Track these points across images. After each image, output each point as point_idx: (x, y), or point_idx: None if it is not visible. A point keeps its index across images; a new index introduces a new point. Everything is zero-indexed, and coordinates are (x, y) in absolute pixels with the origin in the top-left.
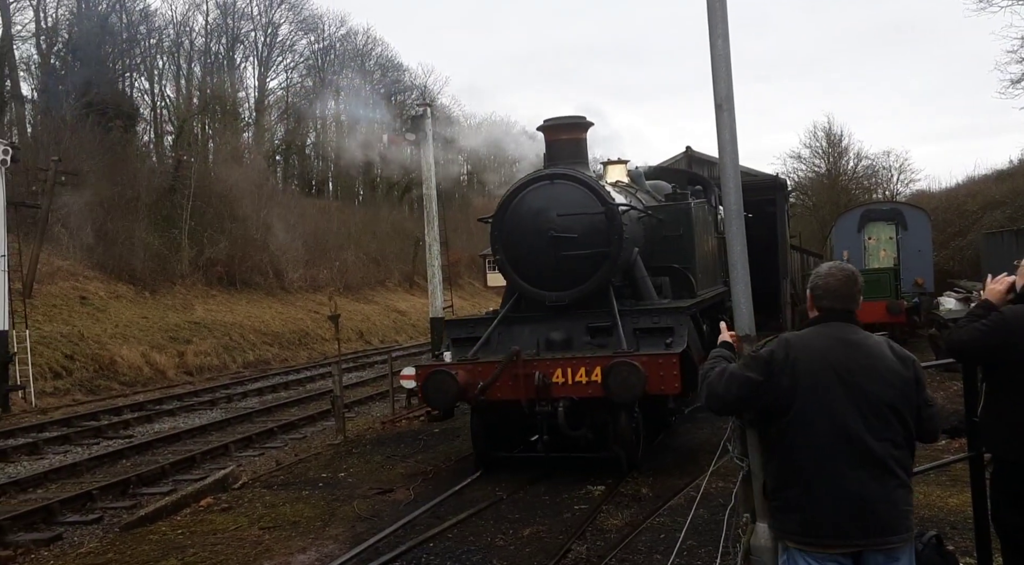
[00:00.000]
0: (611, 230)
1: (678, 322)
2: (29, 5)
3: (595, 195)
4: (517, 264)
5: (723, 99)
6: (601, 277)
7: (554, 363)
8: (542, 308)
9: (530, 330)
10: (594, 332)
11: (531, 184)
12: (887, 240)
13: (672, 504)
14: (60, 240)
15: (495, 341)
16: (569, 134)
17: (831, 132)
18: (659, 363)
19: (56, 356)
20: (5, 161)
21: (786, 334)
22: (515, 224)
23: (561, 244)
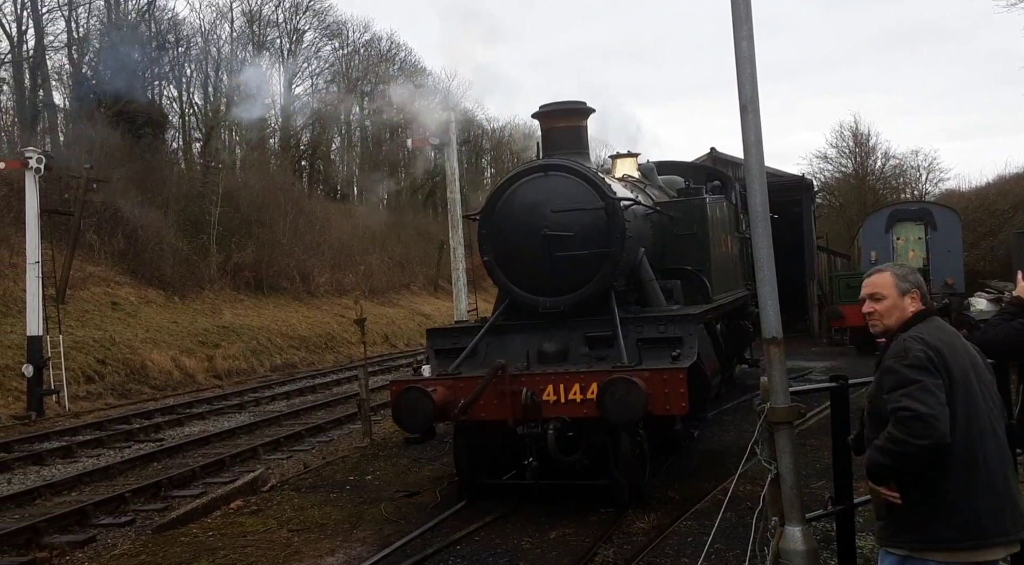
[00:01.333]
0: (612, 228)
1: (687, 332)
2: (61, 16)
3: (594, 188)
4: (507, 266)
5: (748, 100)
6: (601, 280)
7: (544, 378)
8: (535, 316)
9: (521, 340)
10: (593, 342)
11: (522, 176)
12: (916, 240)
13: (699, 507)
14: (92, 246)
15: (483, 353)
16: (567, 121)
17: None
18: (663, 379)
19: (89, 361)
20: (39, 169)
21: (907, 335)
22: (504, 221)
23: (556, 243)
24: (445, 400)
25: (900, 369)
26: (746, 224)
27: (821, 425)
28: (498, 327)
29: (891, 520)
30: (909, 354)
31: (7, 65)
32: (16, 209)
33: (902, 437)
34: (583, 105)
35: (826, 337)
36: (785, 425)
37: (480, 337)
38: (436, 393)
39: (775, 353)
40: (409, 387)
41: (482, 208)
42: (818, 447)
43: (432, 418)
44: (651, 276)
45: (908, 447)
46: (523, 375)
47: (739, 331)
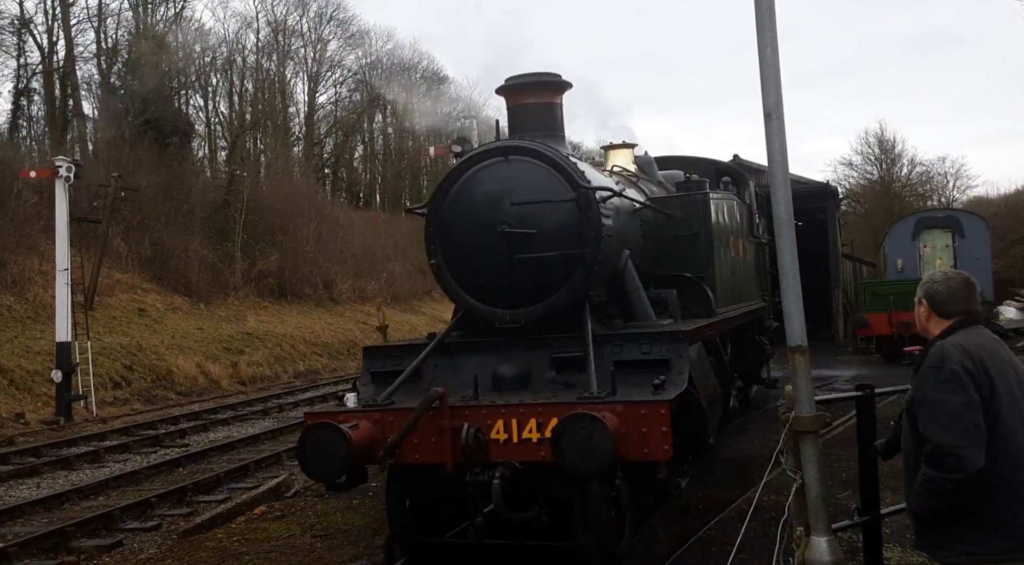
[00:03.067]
0: (585, 224)
1: (677, 352)
2: (91, 27)
3: (563, 176)
4: (458, 271)
5: (772, 108)
6: (572, 289)
7: (492, 412)
8: (493, 331)
9: (476, 362)
10: (562, 365)
11: (477, 162)
12: (943, 248)
13: (723, 517)
14: (119, 254)
15: (429, 376)
16: (537, 97)
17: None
18: (640, 415)
19: (116, 367)
20: (69, 178)
21: (947, 342)
22: (455, 217)
23: (516, 243)
24: (369, 438)
25: (932, 380)
26: (763, 227)
27: (846, 434)
28: (449, 346)
29: (939, 532)
30: (945, 365)
31: (38, 76)
32: (46, 217)
33: (936, 475)
34: (557, 78)
35: (852, 346)
36: (811, 434)
37: (425, 357)
38: (357, 430)
39: (800, 361)
40: (318, 423)
41: (428, 200)
42: (844, 457)
43: (348, 462)
44: (637, 284)
45: (945, 484)
46: (466, 407)
47: (754, 348)
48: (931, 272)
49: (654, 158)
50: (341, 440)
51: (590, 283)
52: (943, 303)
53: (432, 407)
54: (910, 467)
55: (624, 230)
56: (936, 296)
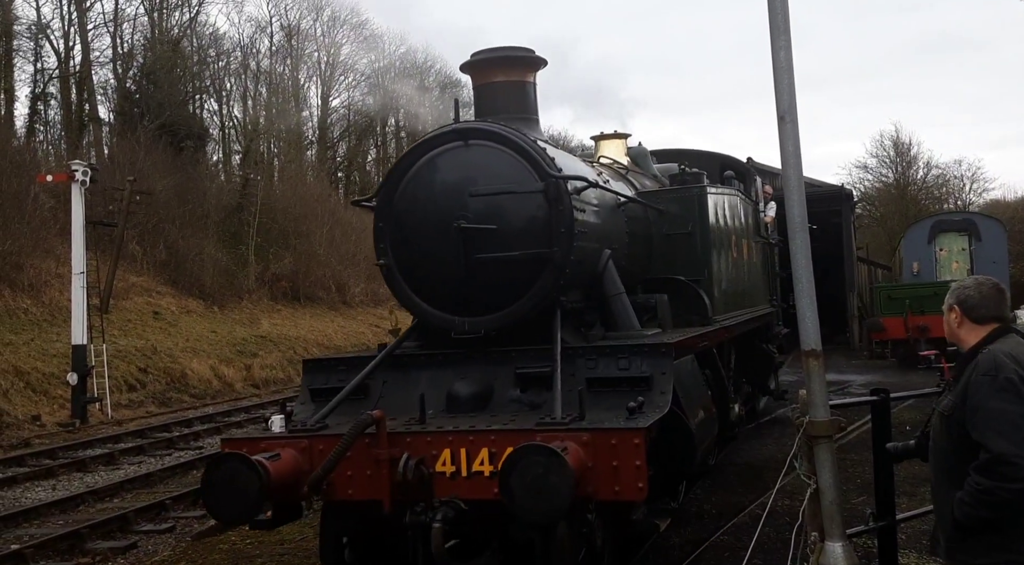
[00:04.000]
0: (555, 218)
1: (660, 368)
2: (107, 31)
3: (530, 163)
4: (411, 273)
5: (786, 110)
6: (539, 293)
7: (438, 439)
8: (451, 342)
9: (430, 378)
10: (528, 382)
11: (432, 147)
12: (959, 251)
13: (736, 522)
14: (135, 257)
15: (376, 394)
16: (506, 74)
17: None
18: (610, 445)
19: (131, 369)
20: (85, 182)
21: (996, 350)
22: (407, 210)
23: (475, 241)
24: (294, 470)
25: (987, 389)
26: (773, 226)
27: (861, 439)
28: (401, 359)
29: (984, 540)
30: (1000, 374)
31: (55, 80)
32: (62, 220)
33: (992, 485)
34: (529, 53)
35: (866, 350)
36: (825, 439)
37: (371, 372)
38: (277, 460)
39: (814, 365)
40: (225, 454)
41: (377, 190)
42: (858, 461)
43: (262, 501)
44: (619, 288)
45: (1002, 493)
46: (408, 434)
47: (761, 357)
48: (958, 279)
49: (651, 152)
50: (253, 474)
51: (561, 287)
52: (975, 308)
53: (359, 434)
54: (945, 475)
55: (605, 227)
56: (968, 301)
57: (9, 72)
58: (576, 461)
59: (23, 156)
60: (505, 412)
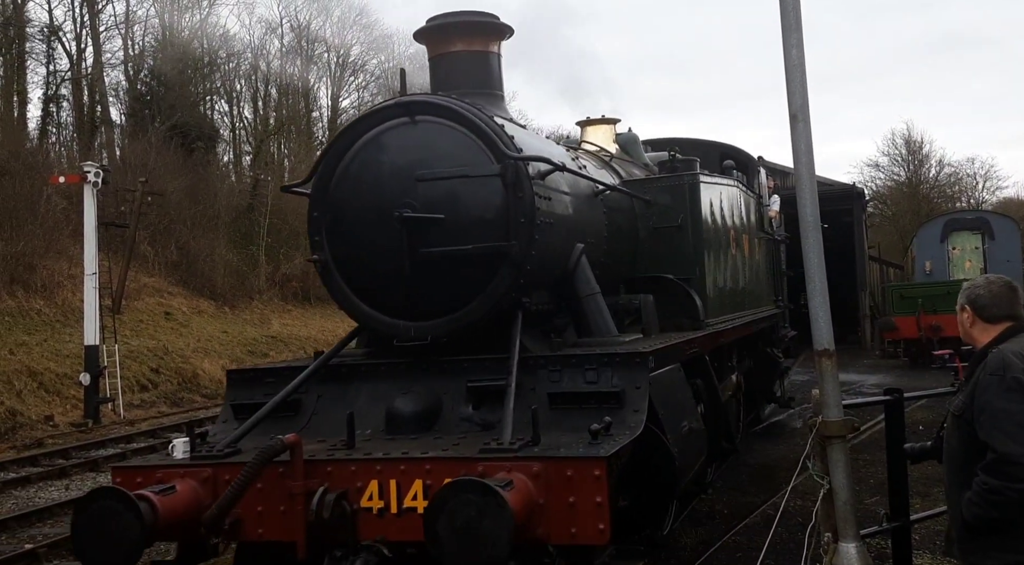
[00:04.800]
0: (513, 206)
1: (633, 382)
2: (118, 33)
3: (485, 143)
4: (350, 270)
5: (798, 109)
6: (495, 294)
7: (363, 469)
8: (397, 351)
9: (371, 392)
10: (482, 397)
11: (374, 124)
12: (972, 250)
13: (748, 522)
14: (146, 258)
15: (309, 412)
16: (466, 44)
17: (911, 139)
18: (566, 478)
19: (143, 369)
20: (97, 183)
21: (1005, 349)
22: (345, 198)
23: (420, 233)
24: (193, 505)
25: (995, 388)
26: (779, 221)
27: (873, 439)
28: (337, 369)
29: (991, 542)
30: (1008, 373)
31: (67, 82)
32: (75, 222)
33: (999, 484)
34: (493, 19)
35: (878, 350)
36: (838, 439)
37: (301, 385)
38: (170, 495)
39: (827, 365)
40: (101, 490)
41: (310, 174)
42: (871, 462)
43: (142, 545)
44: (593, 288)
45: (1009, 493)
46: (328, 463)
47: (765, 362)
48: (971, 278)
49: (645, 141)
50: (131, 515)
51: (522, 286)
52: (986, 308)
53: (265, 462)
54: (956, 474)
55: (578, 218)
56: (979, 301)
57: (22, 75)
58: (522, 498)
59: (36, 158)
60: (454, 433)
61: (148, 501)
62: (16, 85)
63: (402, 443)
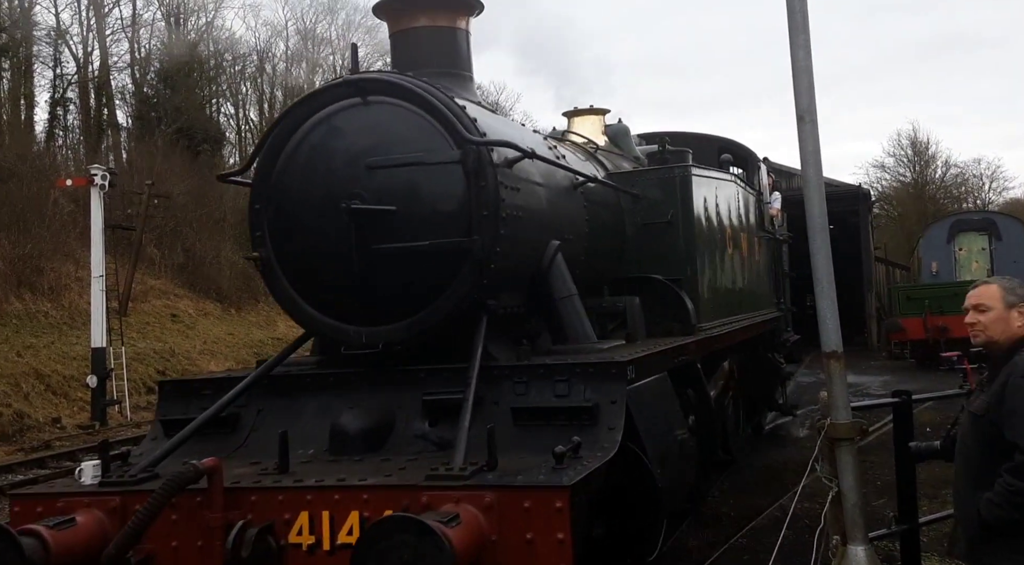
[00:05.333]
0: (475, 197)
1: (608, 396)
2: (125, 37)
3: (444, 126)
4: (295, 269)
5: (805, 111)
6: (455, 296)
7: (292, 499)
8: (347, 360)
9: (318, 407)
10: (438, 413)
11: (322, 105)
12: (979, 251)
13: (755, 525)
14: (153, 260)
15: (248, 428)
16: (430, 18)
17: (916, 140)
18: (522, 510)
19: (149, 371)
20: (104, 186)
21: None
22: (290, 187)
23: (372, 227)
24: (93, 540)
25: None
26: (781, 220)
27: (880, 441)
28: (280, 380)
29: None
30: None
31: (73, 86)
32: (82, 224)
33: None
34: None
35: (885, 351)
36: (847, 441)
37: (237, 397)
38: (68, 529)
39: (835, 367)
40: None
41: (248, 161)
42: (878, 463)
43: None
44: (569, 290)
45: None
46: (251, 491)
47: (766, 368)
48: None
49: (640, 136)
50: (14, 556)
51: (486, 287)
52: None
53: (175, 490)
54: (970, 474)
55: (553, 211)
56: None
57: (29, 78)
58: (469, 536)
59: (43, 161)
60: (407, 453)
61: (38, 536)
62: (23, 89)
63: (344, 466)
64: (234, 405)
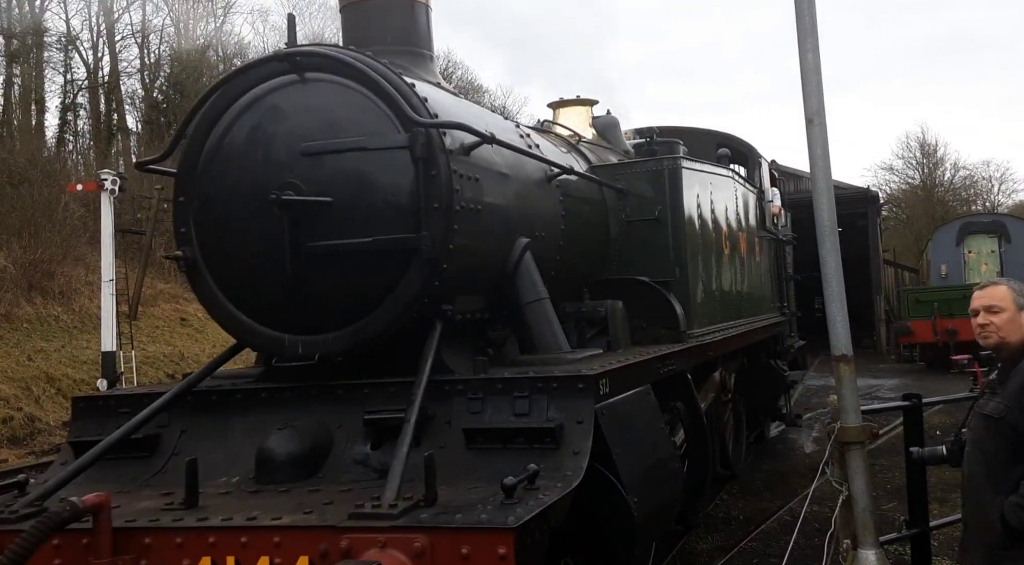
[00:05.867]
0: (424, 188)
1: (574, 414)
2: (135, 42)
3: (390, 106)
4: (222, 269)
5: (814, 113)
6: (402, 300)
7: (190, 541)
8: (277, 373)
9: (248, 426)
10: (381, 433)
11: (253, 82)
12: (989, 253)
13: (764, 528)
14: (162, 264)
15: (169, 451)
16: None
17: (925, 142)
18: (459, 558)
19: (159, 375)
20: (114, 191)
21: None
22: (217, 177)
23: (306, 222)
24: None
25: None
26: (784, 220)
27: (890, 444)
28: (206, 396)
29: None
30: None
31: (84, 91)
32: (92, 229)
33: None
34: None
35: (894, 354)
36: (857, 445)
37: (154, 415)
38: None
39: (845, 371)
40: None
41: (170, 146)
42: (888, 466)
43: None
44: (539, 293)
45: None
46: (145, 532)
47: (768, 376)
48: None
49: (633, 131)
50: None
51: (439, 290)
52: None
53: (53, 529)
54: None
55: (522, 205)
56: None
57: (40, 83)
58: None
59: (53, 166)
60: (342, 482)
61: None
62: (34, 94)
63: (266, 498)
64: (155, 425)
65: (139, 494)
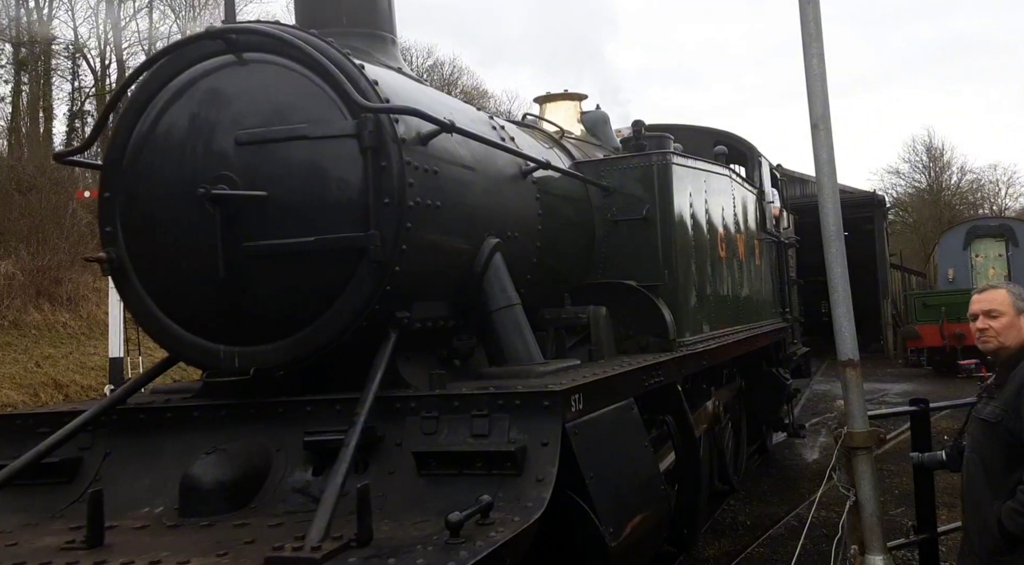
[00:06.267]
0: (373, 181)
1: (538, 436)
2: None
3: (336, 90)
4: (151, 272)
5: (819, 118)
6: (351, 307)
7: None
8: (214, 388)
9: (178, 449)
10: (324, 456)
11: (184, 65)
12: (996, 258)
13: (772, 534)
14: None
15: (90, 476)
16: None
17: (932, 145)
18: None
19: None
20: None
21: None
22: (145, 170)
23: (242, 220)
24: None
25: None
26: (786, 222)
27: (897, 449)
28: (133, 415)
29: None
30: None
31: (91, 98)
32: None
33: None
34: None
35: (901, 358)
36: (864, 450)
37: (71, 435)
38: None
39: (852, 376)
40: None
41: (91, 135)
42: (896, 472)
43: None
44: (510, 299)
45: None
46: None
47: (769, 385)
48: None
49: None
50: None
51: (392, 295)
52: None
53: None
54: (987, 483)
55: (491, 202)
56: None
57: (48, 91)
58: None
59: (61, 173)
60: (277, 513)
61: None
62: (43, 101)
63: (185, 534)
64: (76, 447)
65: (47, 528)
